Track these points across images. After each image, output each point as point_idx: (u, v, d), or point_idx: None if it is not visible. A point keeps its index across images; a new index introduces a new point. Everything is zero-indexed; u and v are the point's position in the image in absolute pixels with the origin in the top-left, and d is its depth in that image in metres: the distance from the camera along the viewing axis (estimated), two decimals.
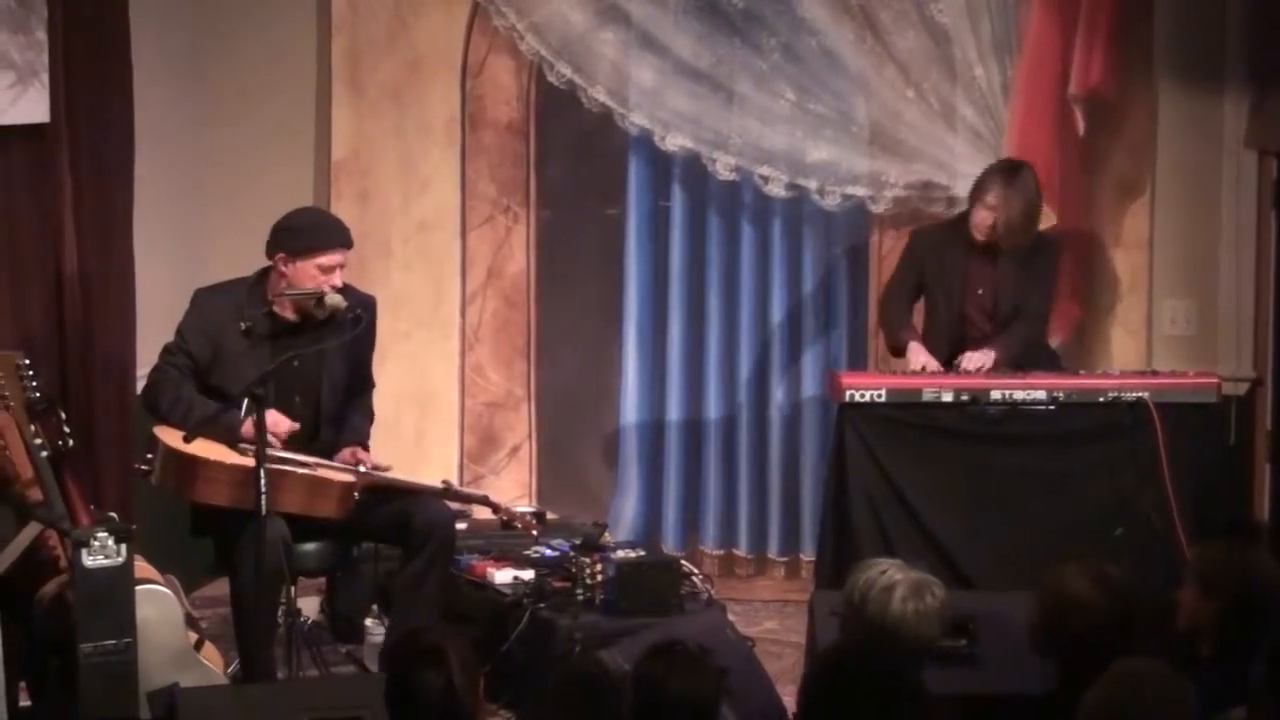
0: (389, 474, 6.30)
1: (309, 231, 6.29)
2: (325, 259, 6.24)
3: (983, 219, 7.00)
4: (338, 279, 6.26)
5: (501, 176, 7.69)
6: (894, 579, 4.88)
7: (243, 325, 6.26)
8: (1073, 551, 5.75)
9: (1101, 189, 7.57)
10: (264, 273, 6.35)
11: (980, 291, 7.10)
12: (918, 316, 7.23)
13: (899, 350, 7.12)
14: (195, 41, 7.47)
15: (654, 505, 7.78)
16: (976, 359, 6.97)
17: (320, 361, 6.30)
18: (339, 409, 6.41)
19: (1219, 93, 7.48)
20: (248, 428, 6.00)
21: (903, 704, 4.03)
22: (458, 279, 7.69)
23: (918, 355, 7.01)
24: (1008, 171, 7.02)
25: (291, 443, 6.20)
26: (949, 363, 7.01)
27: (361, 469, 6.24)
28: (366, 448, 6.39)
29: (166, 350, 6.31)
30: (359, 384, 6.50)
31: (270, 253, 6.29)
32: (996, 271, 7.07)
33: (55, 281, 6.68)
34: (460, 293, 7.70)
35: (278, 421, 6.12)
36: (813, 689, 4.15)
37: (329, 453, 6.34)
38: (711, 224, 7.71)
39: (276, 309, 6.29)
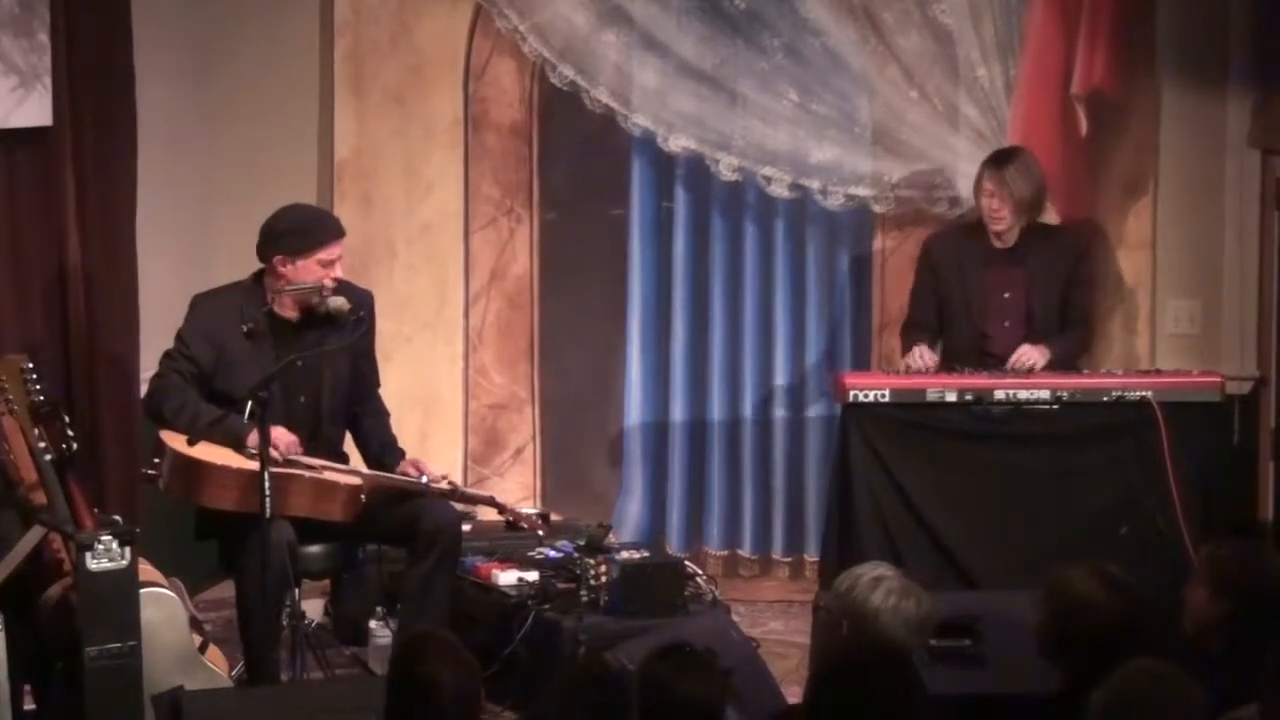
0: (442, 483, 6.33)
1: (304, 229, 6.27)
2: (325, 253, 6.24)
3: (990, 207, 6.93)
4: (339, 270, 6.27)
5: (505, 178, 7.68)
6: (884, 575, 4.86)
7: (245, 327, 6.26)
8: (1077, 551, 5.76)
9: (1105, 189, 7.56)
10: (259, 275, 6.34)
11: (1007, 295, 7.02)
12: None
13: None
14: (198, 44, 7.46)
15: (658, 506, 7.77)
16: (1029, 355, 6.89)
17: (321, 360, 6.29)
18: (342, 407, 6.41)
19: (1222, 92, 7.47)
20: (253, 438, 6.00)
21: (907, 706, 4.03)
22: (461, 281, 7.68)
23: (917, 356, 6.92)
24: (999, 159, 6.99)
25: None
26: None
27: (424, 480, 6.27)
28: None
29: (168, 356, 6.30)
30: (367, 382, 6.49)
31: (264, 255, 6.27)
32: (1027, 273, 7.01)
33: (59, 284, 6.68)
34: (464, 295, 7.69)
35: (280, 436, 6.08)
36: (818, 690, 4.14)
37: (333, 449, 6.35)
38: (715, 225, 7.71)
39: (276, 308, 6.29)
